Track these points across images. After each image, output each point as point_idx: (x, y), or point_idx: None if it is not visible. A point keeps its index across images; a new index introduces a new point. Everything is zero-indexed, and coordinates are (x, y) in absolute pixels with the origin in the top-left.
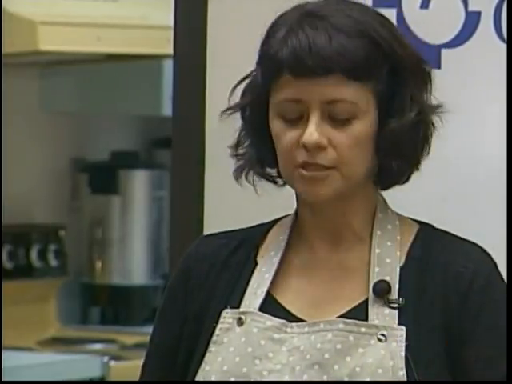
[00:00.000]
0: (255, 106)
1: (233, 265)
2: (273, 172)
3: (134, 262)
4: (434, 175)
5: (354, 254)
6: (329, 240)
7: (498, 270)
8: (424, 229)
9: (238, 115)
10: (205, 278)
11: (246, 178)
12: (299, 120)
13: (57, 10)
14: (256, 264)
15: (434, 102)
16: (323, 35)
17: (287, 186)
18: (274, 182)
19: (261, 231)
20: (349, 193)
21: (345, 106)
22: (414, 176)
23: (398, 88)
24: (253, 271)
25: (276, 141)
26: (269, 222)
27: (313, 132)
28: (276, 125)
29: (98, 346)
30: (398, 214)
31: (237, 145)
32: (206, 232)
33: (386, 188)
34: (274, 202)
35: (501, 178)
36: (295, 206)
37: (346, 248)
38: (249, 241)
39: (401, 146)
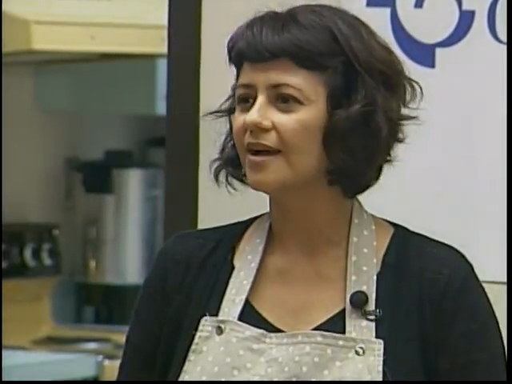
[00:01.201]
0: (232, 106)
1: (209, 267)
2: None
3: (128, 262)
4: (428, 174)
5: (329, 260)
6: (302, 244)
7: (474, 272)
8: (399, 232)
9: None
10: (181, 281)
11: (226, 178)
12: (251, 106)
13: (51, 10)
14: (233, 267)
15: (407, 112)
16: (277, 25)
17: None
18: (244, 182)
19: (237, 231)
20: (302, 192)
21: (289, 90)
22: (409, 177)
23: (353, 85)
24: (230, 275)
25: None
26: (245, 221)
27: (253, 113)
28: (235, 114)
29: (92, 346)
30: (373, 217)
31: (222, 149)
32: None
33: (349, 193)
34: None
35: (495, 175)
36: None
37: (320, 254)
38: (225, 242)
39: (346, 140)
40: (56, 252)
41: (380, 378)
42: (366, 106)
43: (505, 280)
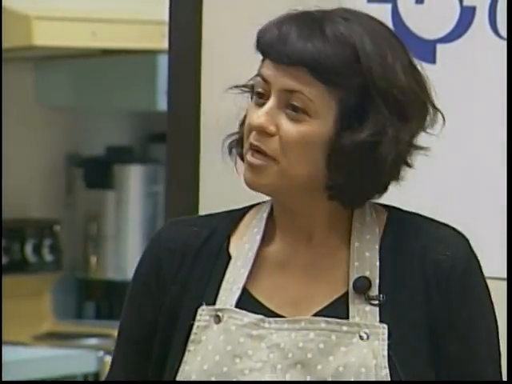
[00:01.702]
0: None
1: (205, 256)
2: None
3: (128, 257)
4: (428, 170)
5: (329, 249)
6: (302, 235)
7: (473, 250)
8: (392, 214)
9: (233, 110)
10: (177, 270)
11: (230, 153)
12: (263, 103)
13: (52, 5)
14: (229, 257)
15: (419, 143)
16: (303, 33)
17: None
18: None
19: (232, 220)
20: (300, 195)
21: (300, 98)
22: (411, 174)
23: (365, 108)
24: (227, 264)
25: None
26: (241, 209)
27: (261, 115)
28: (251, 105)
29: (93, 341)
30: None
31: (242, 123)
32: None
33: (348, 206)
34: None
35: (495, 170)
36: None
37: (320, 243)
38: (220, 230)
39: (349, 163)
40: (57, 248)
41: (385, 363)
42: (374, 136)
43: (505, 276)
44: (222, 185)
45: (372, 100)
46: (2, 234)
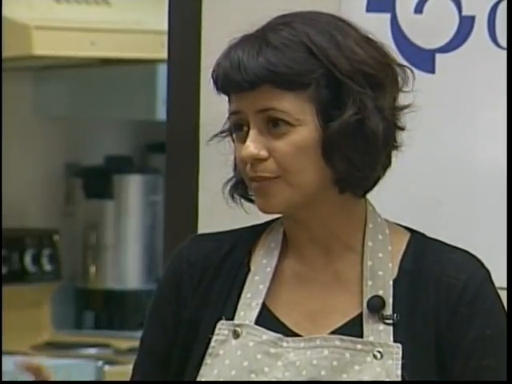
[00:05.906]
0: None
1: (225, 271)
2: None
3: (128, 267)
4: (428, 179)
5: (346, 264)
6: (318, 249)
7: (490, 277)
8: (415, 237)
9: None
10: (197, 284)
11: (239, 198)
12: (246, 134)
13: (51, 15)
14: (249, 270)
15: (401, 102)
16: (252, 52)
17: None
18: (252, 202)
19: (253, 235)
20: (313, 202)
21: (276, 114)
22: (410, 181)
23: (339, 95)
24: (245, 278)
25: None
26: (261, 224)
27: (248, 145)
28: (235, 142)
29: (92, 351)
30: (387, 221)
31: (235, 167)
32: None
33: (359, 194)
34: None
35: (496, 181)
36: None
37: (337, 258)
38: (241, 245)
39: (343, 150)
40: (56, 257)
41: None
42: (355, 114)
43: (505, 285)
44: (221, 195)
45: (341, 83)
46: (2, 244)
